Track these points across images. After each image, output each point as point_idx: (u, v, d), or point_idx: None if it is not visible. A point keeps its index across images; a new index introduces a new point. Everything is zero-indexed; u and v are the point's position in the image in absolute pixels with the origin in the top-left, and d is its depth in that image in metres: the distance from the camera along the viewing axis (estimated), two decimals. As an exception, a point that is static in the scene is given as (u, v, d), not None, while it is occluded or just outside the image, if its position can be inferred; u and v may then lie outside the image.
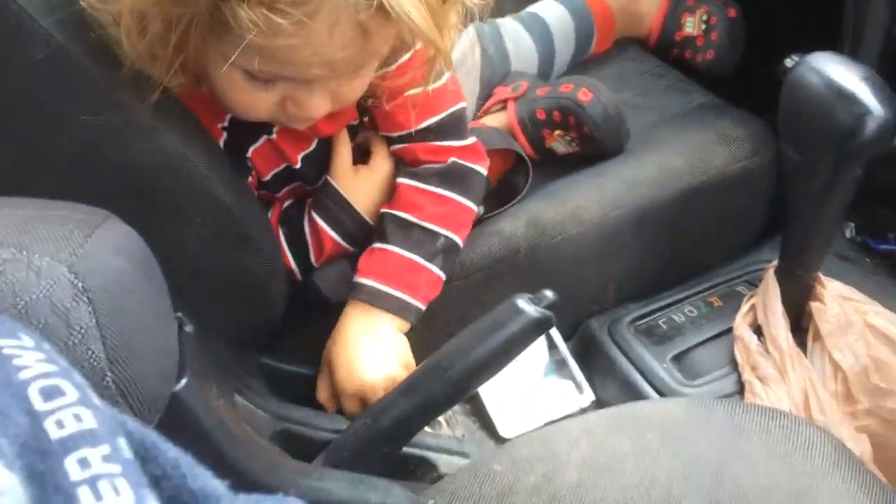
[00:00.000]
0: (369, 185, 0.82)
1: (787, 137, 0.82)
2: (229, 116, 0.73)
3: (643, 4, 1.17)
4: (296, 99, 0.66)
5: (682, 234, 0.98)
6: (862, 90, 0.74)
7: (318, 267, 0.83)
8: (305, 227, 0.81)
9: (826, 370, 0.83)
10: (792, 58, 0.81)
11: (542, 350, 0.91)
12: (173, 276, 0.53)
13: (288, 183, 0.82)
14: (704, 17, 1.13)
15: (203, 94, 0.68)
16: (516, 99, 1.01)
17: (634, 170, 0.96)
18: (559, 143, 0.99)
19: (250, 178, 0.79)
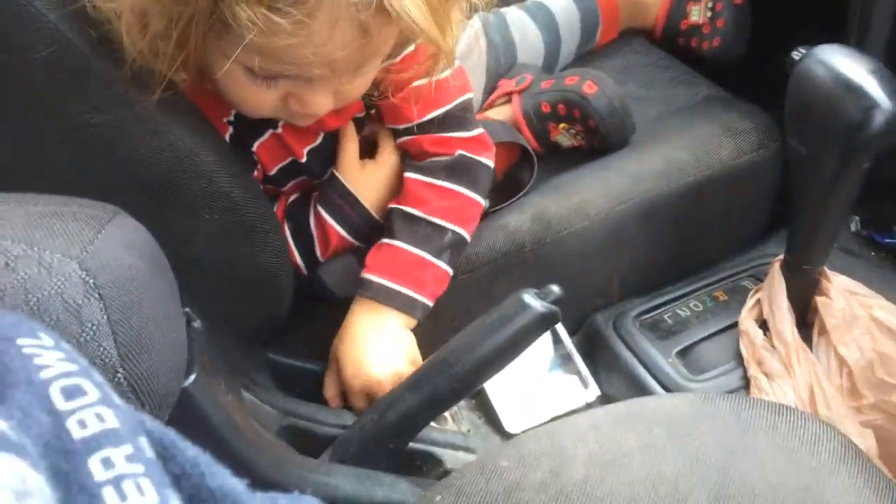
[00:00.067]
0: (376, 180, 0.82)
1: (794, 130, 0.82)
2: (234, 111, 0.73)
3: None
4: (298, 96, 0.65)
5: (687, 228, 0.97)
6: (870, 83, 0.74)
7: (323, 262, 0.83)
8: (311, 221, 0.81)
9: (831, 365, 0.83)
10: (799, 50, 0.80)
11: (548, 345, 0.91)
12: (181, 271, 0.53)
13: (293, 177, 0.82)
14: (710, 5, 1.13)
15: (208, 89, 0.68)
16: (521, 92, 1.00)
17: (640, 163, 0.95)
18: (564, 137, 0.99)
19: (256, 172, 0.78)
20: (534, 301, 0.69)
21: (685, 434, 0.59)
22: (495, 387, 0.87)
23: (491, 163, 0.85)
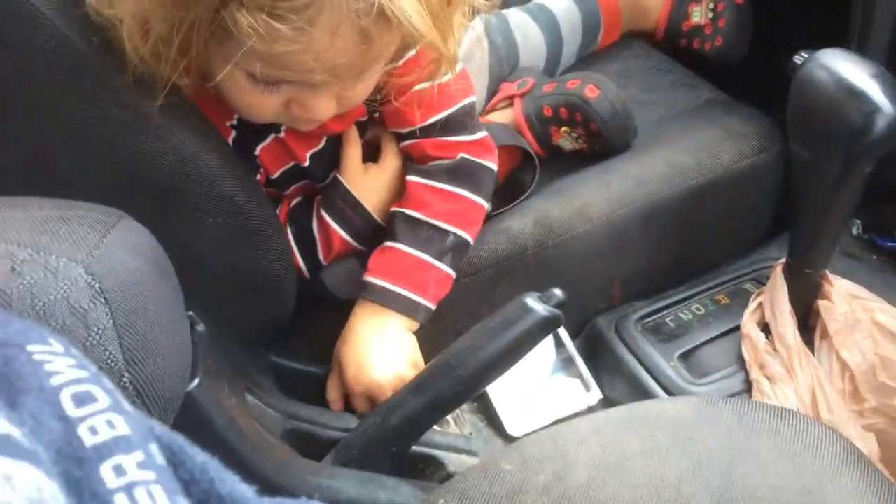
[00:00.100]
0: (379, 184, 0.82)
1: (796, 135, 0.82)
2: (237, 115, 0.73)
3: None
4: (301, 102, 0.66)
5: (689, 232, 0.97)
6: (872, 88, 0.74)
7: (326, 265, 0.83)
8: (314, 224, 0.82)
9: (833, 368, 0.83)
10: (801, 54, 0.80)
11: (550, 348, 0.91)
12: (184, 274, 0.53)
13: (296, 181, 0.82)
14: (711, 6, 1.13)
15: (211, 92, 0.68)
16: (522, 96, 1.01)
17: (642, 167, 0.96)
18: (566, 140, 0.99)
19: (258, 175, 0.79)
20: (536, 305, 0.69)
21: (688, 438, 0.59)
22: (497, 390, 0.87)
23: (494, 166, 0.85)
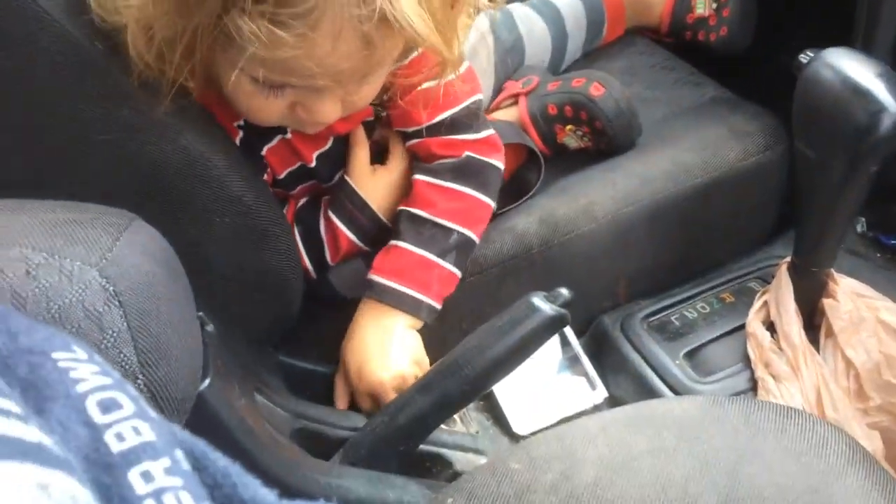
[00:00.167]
0: (387, 185, 0.82)
1: (802, 134, 0.82)
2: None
3: None
4: (305, 105, 0.66)
5: (694, 230, 0.98)
6: (877, 87, 0.74)
7: (333, 265, 0.83)
8: (321, 225, 0.82)
9: (838, 367, 0.83)
10: (807, 53, 0.80)
11: (556, 347, 0.92)
12: (193, 275, 0.53)
13: (302, 181, 0.82)
14: None
15: (216, 94, 0.68)
16: (527, 94, 1.01)
17: (647, 165, 0.96)
18: (571, 138, 0.99)
19: (265, 175, 0.79)
20: (543, 304, 0.69)
21: (694, 437, 0.59)
22: (503, 388, 0.87)
23: (501, 164, 0.85)
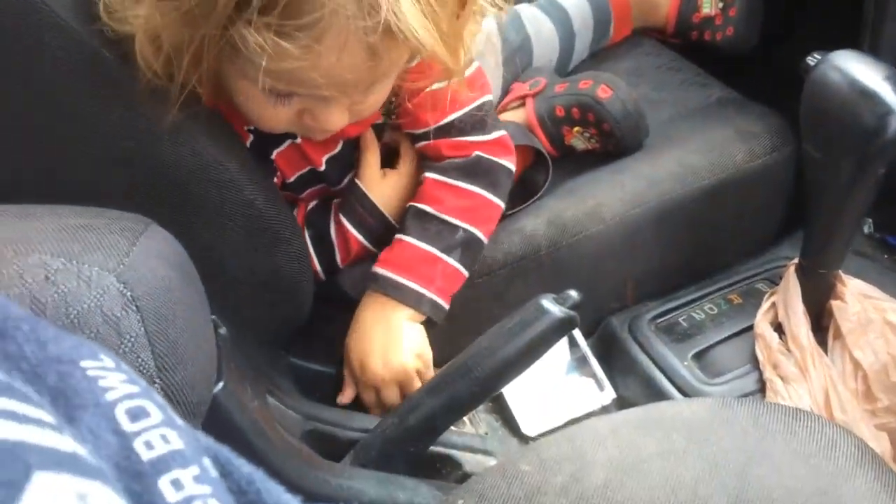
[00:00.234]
0: (397, 188, 0.83)
1: (810, 136, 0.82)
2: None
3: None
4: (313, 113, 0.66)
5: (701, 231, 0.98)
6: (885, 89, 0.74)
7: (343, 268, 0.83)
8: (331, 229, 0.82)
9: (846, 368, 0.83)
10: (814, 56, 0.80)
11: (564, 348, 0.92)
12: (205, 278, 0.54)
13: (312, 185, 0.82)
14: None
15: (227, 100, 0.69)
16: (534, 96, 1.01)
17: (654, 167, 0.96)
18: (578, 140, 0.99)
19: (275, 179, 0.79)
20: (552, 306, 0.69)
21: (704, 439, 0.59)
22: (512, 390, 0.87)
23: (512, 165, 0.85)
